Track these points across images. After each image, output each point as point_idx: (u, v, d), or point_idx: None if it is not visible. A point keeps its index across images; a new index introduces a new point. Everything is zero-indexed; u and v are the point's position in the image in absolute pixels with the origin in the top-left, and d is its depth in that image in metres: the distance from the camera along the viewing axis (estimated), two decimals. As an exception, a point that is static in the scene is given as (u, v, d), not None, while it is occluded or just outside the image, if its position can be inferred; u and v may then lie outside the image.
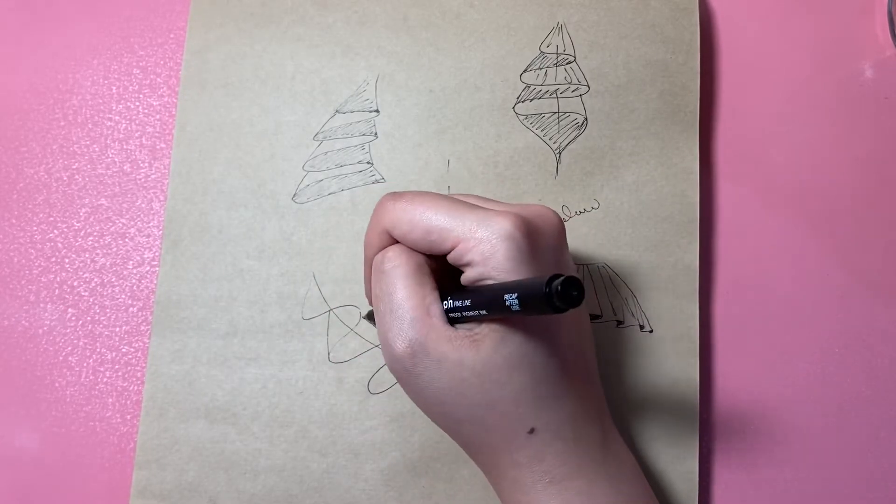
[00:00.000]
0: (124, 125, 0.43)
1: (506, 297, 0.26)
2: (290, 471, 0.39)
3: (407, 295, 0.30)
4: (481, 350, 0.29)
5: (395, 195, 0.32)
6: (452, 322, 0.30)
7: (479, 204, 0.31)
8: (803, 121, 0.44)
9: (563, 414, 0.31)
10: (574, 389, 0.31)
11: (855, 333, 0.42)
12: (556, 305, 0.24)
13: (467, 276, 0.30)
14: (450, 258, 0.30)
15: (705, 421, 0.41)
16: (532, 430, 0.30)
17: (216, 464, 0.39)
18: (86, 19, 0.44)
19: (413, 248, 0.31)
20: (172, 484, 0.39)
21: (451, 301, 0.30)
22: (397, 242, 0.32)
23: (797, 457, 0.41)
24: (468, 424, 0.31)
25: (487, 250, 0.29)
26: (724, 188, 0.43)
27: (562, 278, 0.24)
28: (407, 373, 0.30)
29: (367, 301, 0.40)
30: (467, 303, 0.29)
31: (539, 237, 0.30)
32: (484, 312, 0.28)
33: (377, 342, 0.40)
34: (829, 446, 0.41)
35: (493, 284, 0.29)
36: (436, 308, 0.30)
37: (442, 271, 0.32)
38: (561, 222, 0.32)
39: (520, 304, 0.26)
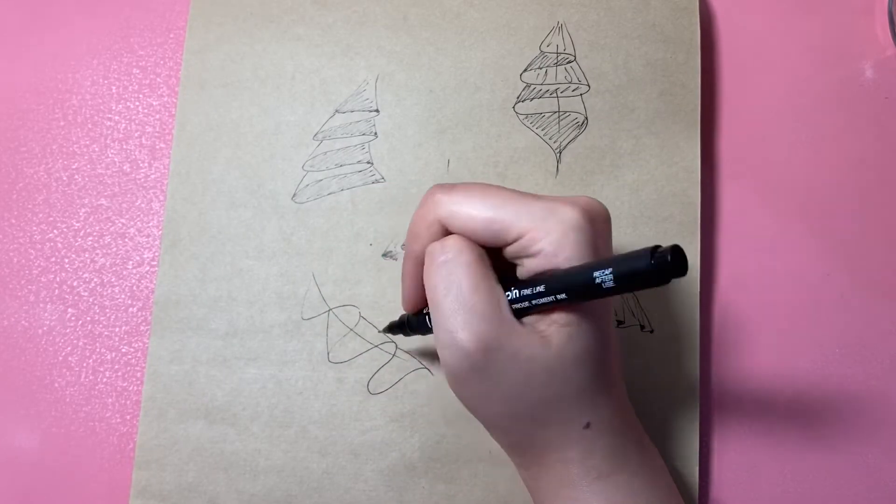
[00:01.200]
0: (124, 125, 0.43)
1: (596, 274, 0.25)
2: (289, 471, 0.39)
3: (474, 286, 0.28)
4: (552, 346, 0.28)
5: (447, 187, 0.30)
6: (518, 317, 0.29)
7: (540, 196, 0.30)
8: (803, 121, 0.44)
9: (614, 406, 0.31)
10: (620, 381, 0.32)
11: (855, 333, 0.42)
12: (662, 277, 0.24)
13: (529, 267, 0.29)
14: (511, 249, 0.29)
15: (705, 420, 0.41)
16: (588, 425, 0.30)
17: (216, 464, 0.39)
18: (86, 19, 0.44)
19: (470, 239, 0.30)
20: (172, 484, 0.39)
21: (516, 291, 0.29)
22: (450, 235, 0.30)
23: (797, 456, 0.41)
24: (527, 421, 0.30)
25: (558, 240, 0.28)
26: (724, 188, 0.43)
27: (668, 248, 0.24)
28: (475, 371, 0.29)
29: (368, 300, 0.40)
30: (539, 289, 0.28)
31: (597, 228, 0.29)
32: (563, 297, 0.27)
33: (377, 342, 0.40)
34: (828, 446, 0.41)
35: (575, 266, 0.27)
36: (505, 302, 0.29)
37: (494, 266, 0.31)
38: (609, 214, 0.31)
39: (615, 280, 0.25)
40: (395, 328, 0.37)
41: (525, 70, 0.42)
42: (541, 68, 0.42)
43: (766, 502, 0.40)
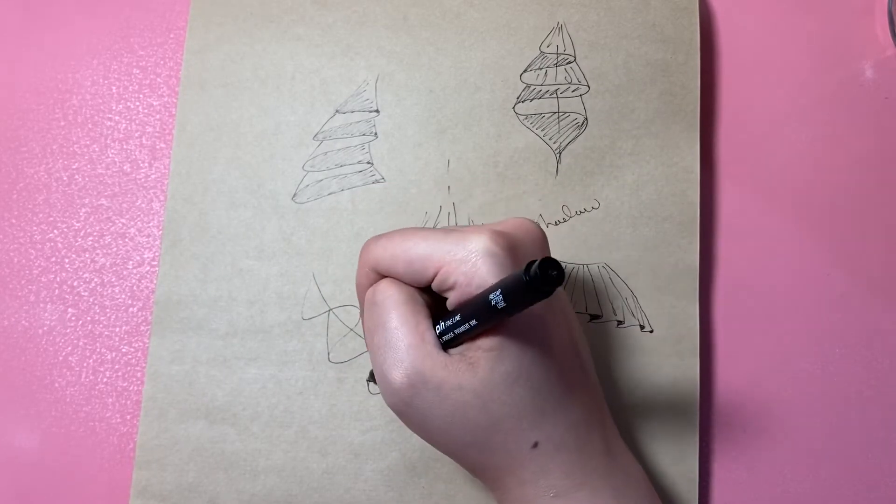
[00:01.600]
0: (124, 125, 0.43)
1: (491, 296, 0.26)
2: (289, 471, 0.39)
3: (400, 323, 0.30)
4: (478, 371, 0.29)
5: (378, 236, 0.32)
6: (446, 348, 0.30)
7: (456, 230, 0.31)
8: (803, 121, 0.44)
9: (566, 423, 0.30)
10: (574, 395, 0.31)
11: (855, 333, 0.42)
12: (539, 289, 0.24)
13: (452, 300, 0.30)
14: (434, 286, 0.30)
15: (705, 421, 0.41)
16: (535, 444, 0.30)
17: (216, 464, 0.39)
18: (86, 19, 0.44)
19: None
20: (172, 484, 0.39)
21: (441, 324, 0.30)
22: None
23: (797, 457, 0.41)
24: (472, 448, 0.30)
25: (469, 269, 0.28)
26: (724, 188, 0.43)
27: (538, 261, 0.24)
28: (406, 405, 0.30)
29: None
30: (457, 318, 0.29)
31: (519, 248, 0.30)
32: (474, 323, 0.28)
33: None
34: (829, 446, 0.41)
35: (478, 294, 0.28)
36: (430, 335, 0.30)
37: (435, 306, 0.32)
38: (541, 231, 0.32)
39: (504, 299, 0.26)
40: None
41: (525, 70, 0.42)
42: (541, 69, 0.42)
43: (766, 502, 0.40)
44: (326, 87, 0.42)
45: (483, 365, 0.29)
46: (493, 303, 0.26)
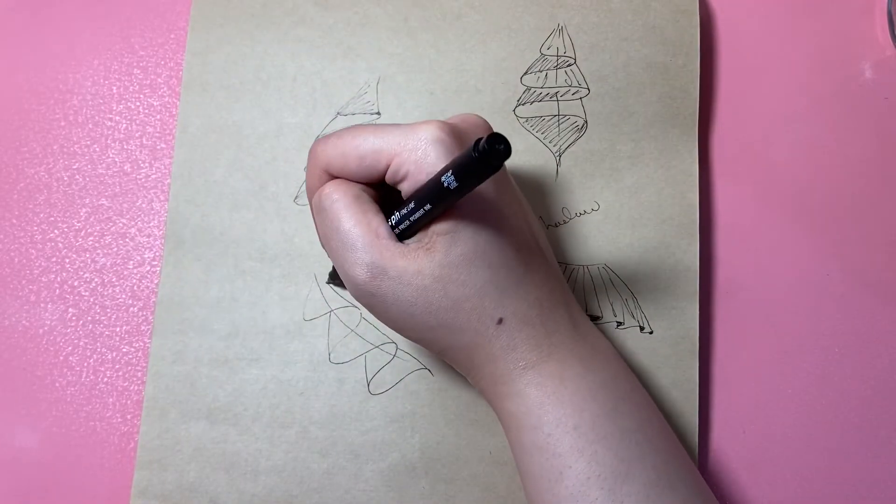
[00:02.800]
0: (125, 125, 0.43)
1: (443, 178, 0.27)
2: (290, 471, 0.39)
3: (353, 223, 0.30)
4: (435, 255, 0.30)
5: (324, 137, 0.32)
6: (403, 238, 0.31)
7: (404, 124, 0.32)
8: (803, 121, 0.44)
9: (528, 299, 0.31)
10: (534, 273, 0.32)
11: (855, 333, 0.42)
12: (488, 164, 0.25)
13: (405, 190, 0.30)
14: (388, 178, 0.31)
15: (705, 421, 0.41)
16: (500, 321, 0.31)
17: (217, 464, 0.39)
18: (86, 19, 0.44)
19: (352, 180, 0.32)
20: (173, 484, 0.39)
21: (397, 213, 0.31)
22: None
23: (797, 457, 0.41)
24: (440, 330, 0.31)
25: (419, 157, 0.29)
26: (723, 189, 0.43)
27: (485, 136, 0.25)
28: (372, 297, 0.31)
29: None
30: (411, 206, 0.30)
31: (465, 137, 0.31)
32: (428, 207, 0.29)
33: (378, 343, 0.40)
34: (829, 446, 0.41)
35: (430, 179, 0.29)
36: (383, 229, 0.31)
37: (384, 201, 0.33)
38: (485, 122, 0.33)
39: (455, 178, 0.26)
40: (333, 277, 0.40)
41: (525, 73, 0.42)
42: (541, 71, 0.42)
43: (766, 502, 0.41)
44: (328, 89, 0.42)
45: (440, 248, 0.30)
46: (444, 184, 0.27)
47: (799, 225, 0.43)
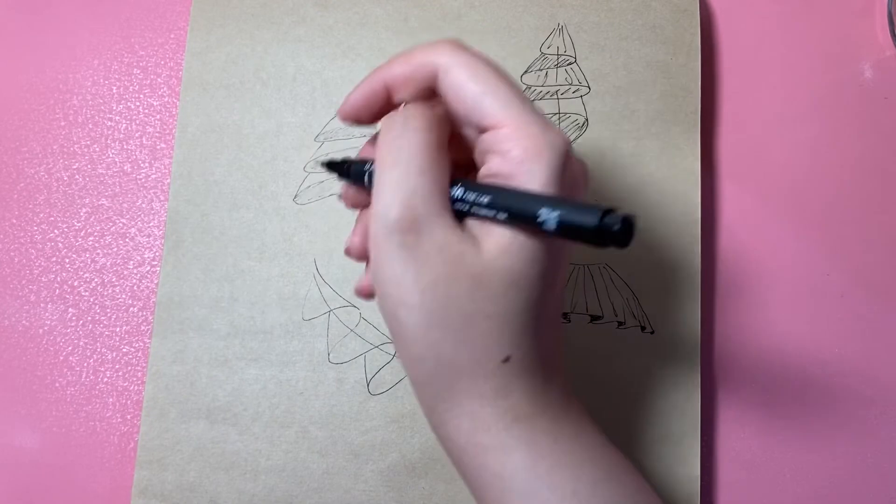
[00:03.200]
0: (125, 125, 0.43)
1: (542, 210, 0.24)
2: (290, 471, 0.39)
3: (423, 169, 0.26)
4: (483, 252, 0.26)
5: (462, 45, 0.28)
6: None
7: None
8: (803, 121, 0.44)
9: (539, 350, 0.27)
10: (553, 325, 0.29)
11: (855, 333, 0.42)
12: (602, 239, 0.23)
13: (489, 168, 0.26)
14: (484, 138, 0.27)
15: (706, 421, 0.41)
16: (507, 359, 0.27)
17: (217, 464, 0.39)
18: (86, 19, 0.44)
19: (445, 114, 0.28)
20: (173, 484, 0.39)
21: (461, 189, 0.26)
22: (417, 101, 0.28)
23: (798, 457, 0.41)
24: (437, 332, 0.26)
25: (532, 150, 0.25)
26: (725, 189, 0.43)
27: (621, 214, 0.22)
28: (401, 248, 0.26)
29: (368, 301, 0.40)
30: (484, 199, 0.25)
31: (572, 173, 0.27)
32: (502, 216, 0.25)
33: (377, 343, 0.40)
34: (829, 447, 0.41)
35: (528, 191, 0.25)
36: (448, 193, 0.27)
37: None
38: (587, 178, 0.29)
39: (558, 226, 0.23)
40: (332, 166, 0.32)
41: (526, 72, 0.42)
42: (541, 70, 0.42)
43: (767, 502, 0.41)
44: (327, 89, 0.42)
45: (491, 247, 0.26)
46: (540, 219, 0.24)
47: (799, 225, 0.43)
